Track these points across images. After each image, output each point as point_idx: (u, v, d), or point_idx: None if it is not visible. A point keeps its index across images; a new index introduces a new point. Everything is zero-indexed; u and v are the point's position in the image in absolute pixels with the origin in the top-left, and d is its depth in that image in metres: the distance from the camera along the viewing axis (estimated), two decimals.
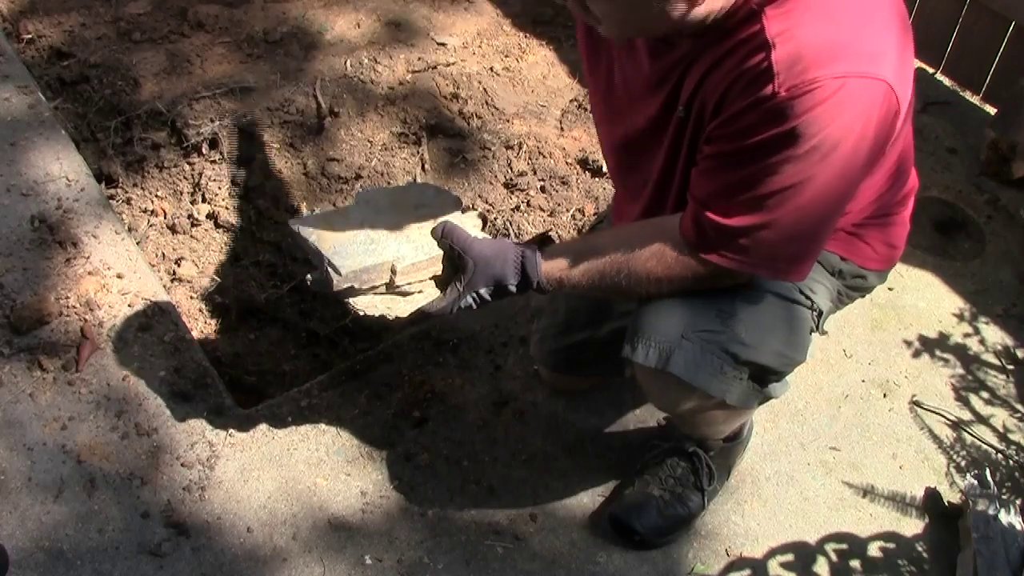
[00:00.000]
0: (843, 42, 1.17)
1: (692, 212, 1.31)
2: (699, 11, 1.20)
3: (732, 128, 1.23)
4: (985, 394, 2.04)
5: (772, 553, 1.76)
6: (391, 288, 1.43)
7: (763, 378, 1.43)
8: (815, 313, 1.52)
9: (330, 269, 1.40)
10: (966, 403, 2.02)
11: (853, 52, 1.17)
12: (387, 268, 1.41)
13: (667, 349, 1.37)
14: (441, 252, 1.46)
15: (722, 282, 1.37)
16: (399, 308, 1.44)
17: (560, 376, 1.92)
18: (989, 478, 1.82)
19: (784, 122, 1.17)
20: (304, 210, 2.31)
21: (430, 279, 1.46)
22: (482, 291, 1.43)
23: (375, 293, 1.44)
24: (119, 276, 2.04)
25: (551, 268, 1.42)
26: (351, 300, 1.43)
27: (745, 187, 1.23)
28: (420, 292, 1.45)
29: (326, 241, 1.42)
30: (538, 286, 1.42)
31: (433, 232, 1.47)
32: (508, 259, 1.42)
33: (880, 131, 1.22)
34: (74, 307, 1.96)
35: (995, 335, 2.16)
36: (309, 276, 1.44)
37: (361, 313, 1.43)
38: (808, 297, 1.49)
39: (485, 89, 2.59)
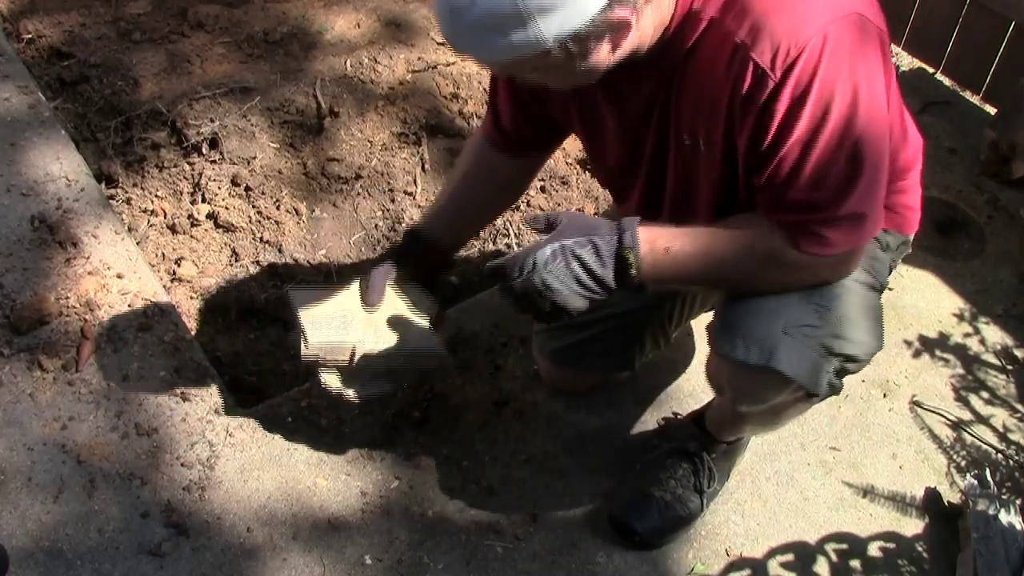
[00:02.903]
0: (801, 6, 1.20)
1: (784, 224, 1.29)
2: (624, 50, 1.22)
3: (765, 143, 1.24)
4: (985, 394, 2.04)
5: (772, 553, 1.76)
6: (351, 369, 1.62)
7: (844, 369, 1.43)
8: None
9: (302, 338, 1.60)
10: (966, 403, 2.02)
11: (814, 7, 1.20)
12: (349, 349, 1.59)
13: (769, 346, 1.35)
14: (396, 348, 1.61)
15: (836, 273, 1.36)
16: (352, 392, 1.64)
17: (563, 373, 1.91)
18: (989, 478, 1.82)
19: (804, 101, 1.20)
20: (305, 209, 2.32)
21: (386, 372, 1.65)
22: (569, 243, 1.31)
23: (339, 371, 1.64)
24: (119, 276, 2.04)
25: (655, 237, 1.32)
26: (319, 371, 1.64)
27: (819, 177, 1.24)
28: (374, 384, 1.65)
29: (308, 312, 1.61)
30: (633, 245, 1.30)
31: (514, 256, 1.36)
32: (601, 221, 1.35)
33: (880, 47, 1.24)
34: (74, 307, 1.96)
35: (995, 335, 2.16)
36: (292, 335, 1.66)
37: (322, 385, 1.64)
38: (880, 281, 1.51)
39: (485, 89, 2.59)
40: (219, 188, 2.32)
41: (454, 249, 1.80)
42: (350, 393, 1.65)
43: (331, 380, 1.65)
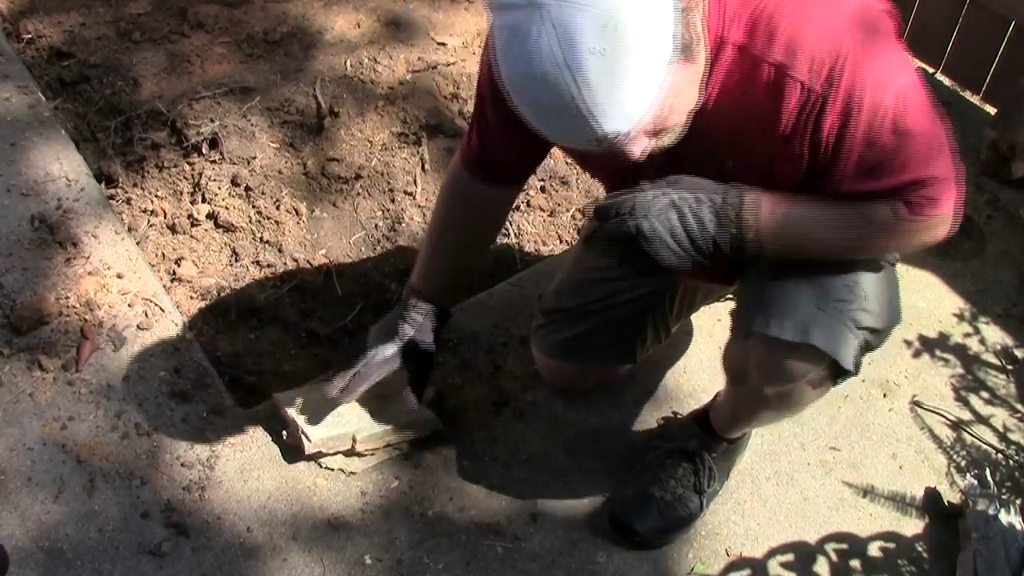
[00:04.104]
0: (823, 18, 1.22)
1: (893, 205, 1.31)
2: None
3: (826, 156, 1.26)
4: (985, 394, 2.04)
5: (772, 553, 1.76)
6: (352, 452, 1.77)
7: (867, 344, 1.45)
8: None
9: (303, 436, 1.72)
10: (966, 403, 2.02)
11: (837, 15, 1.22)
12: (349, 437, 1.74)
13: (804, 322, 1.37)
14: (391, 426, 1.76)
15: (938, 233, 1.37)
16: (355, 465, 1.79)
17: (565, 367, 1.89)
18: (989, 478, 1.82)
19: (852, 108, 1.21)
20: (305, 209, 2.32)
21: (384, 447, 1.79)
22: (685, 194, 1.29)
23: (340, 454, 1.78)
24: (119, 276, 2.04)
25: (771, 200, 1.31)
26: (320, 460, 1.79)
27: (897, 165, 1.28)
28: (372, 455, 1.80)
29: (301, 412, 1.74)
30: (755, 205, 1.30)
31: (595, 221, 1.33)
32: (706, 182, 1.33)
33: (896, 32, 1.27)
34: (74, 307, 1.96)
35: (995, 335, 2.16)
36: (284, 432, 1.78)
37: (323, 467, 1.79)
38: (892, 254, 1.53)
39: None
40: (219, 188, 2.32)
41: (453, 305, 1.83)
42: (353, 470, 1.80)
43: (333, 463, 1.79)
